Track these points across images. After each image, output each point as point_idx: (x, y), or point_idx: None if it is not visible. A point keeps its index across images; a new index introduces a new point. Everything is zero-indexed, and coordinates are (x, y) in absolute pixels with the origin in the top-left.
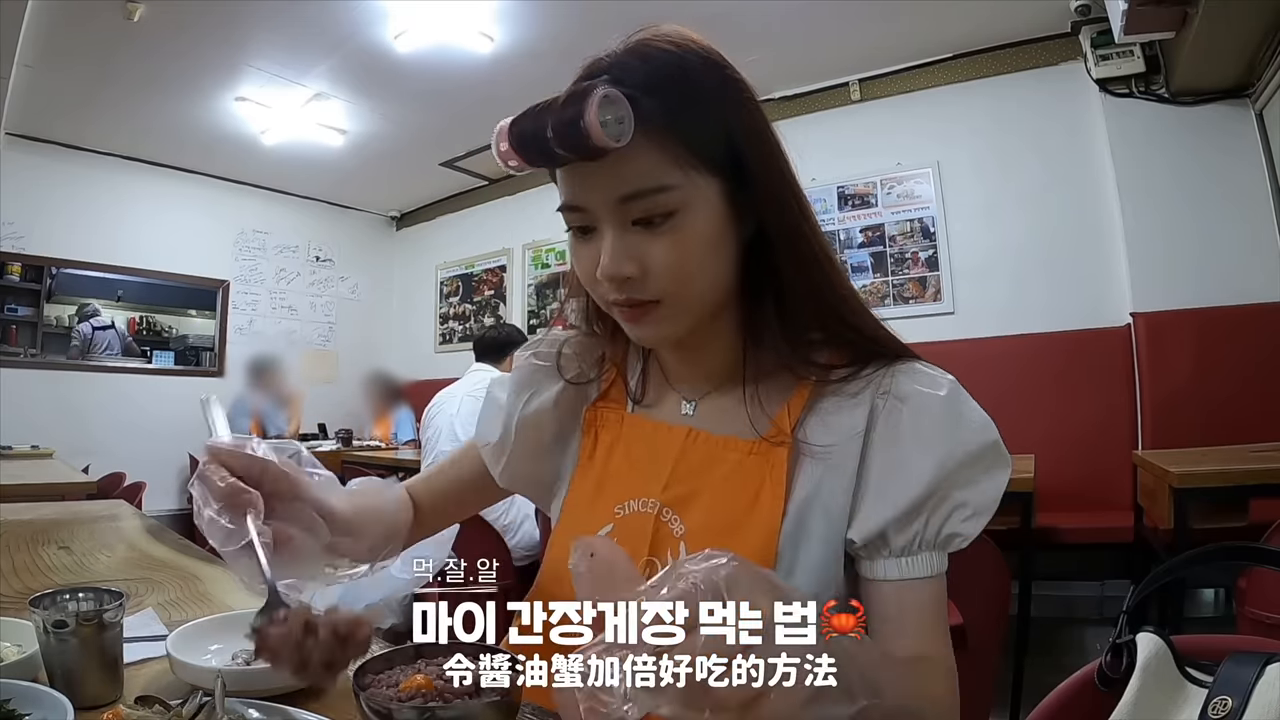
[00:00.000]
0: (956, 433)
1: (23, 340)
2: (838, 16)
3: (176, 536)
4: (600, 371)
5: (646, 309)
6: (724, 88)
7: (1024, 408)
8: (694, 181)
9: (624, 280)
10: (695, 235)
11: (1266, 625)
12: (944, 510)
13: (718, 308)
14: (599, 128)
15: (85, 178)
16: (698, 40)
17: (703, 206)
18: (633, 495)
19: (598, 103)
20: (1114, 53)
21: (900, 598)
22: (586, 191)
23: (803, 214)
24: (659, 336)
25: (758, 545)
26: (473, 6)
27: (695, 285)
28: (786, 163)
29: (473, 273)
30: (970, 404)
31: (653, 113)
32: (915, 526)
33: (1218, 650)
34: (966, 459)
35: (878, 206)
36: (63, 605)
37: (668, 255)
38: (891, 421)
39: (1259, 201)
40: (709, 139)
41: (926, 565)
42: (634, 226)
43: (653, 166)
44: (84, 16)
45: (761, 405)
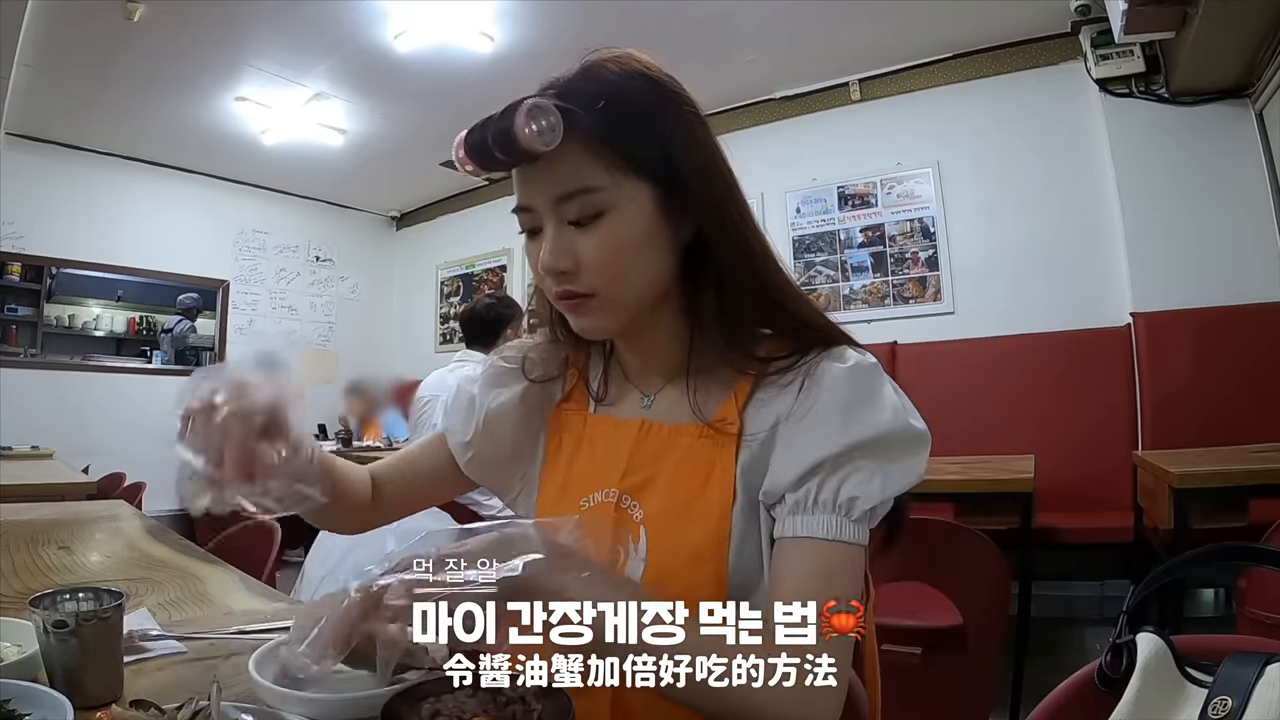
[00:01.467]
0: (858, 411)
1: (23, 340)
2: (838, 16)
3: (176, 536)
4: (564, 374)
5: (582, 301)
6: (662, 104)
7: (1024, 408)
8: (622, 185)
9: (560, 274)
10: (623, 234)
11: (1266, 625)
12: (840, 473)
13: (656, 303)
14: (525, 133)
15: (85, 178)
16: (645, 62)
17: (631, 208)
18: (596, 488)
19: (525, 111)
20: (1114, 53)
21: (785, 554)
22: (530, 193)
23: (740, 218)
24: (597, 328)
25: (712, 523)
26: (473, 6)
27: (626, 281)
28: (724, 171)
29: (473, 273)
30: (882, 388)
31: (586, 123)
32: (809, 485)
33: (1218, 650)
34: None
35: (878, 206)
36: (63, 605)
37: (597, 251)
38: (806, 400)
39: (1259, 201)
40: (641, 148)
41: (820, 526)
42: (569, 225)
43: (583, 170)
44: (84, 16)
45: (709, 394)
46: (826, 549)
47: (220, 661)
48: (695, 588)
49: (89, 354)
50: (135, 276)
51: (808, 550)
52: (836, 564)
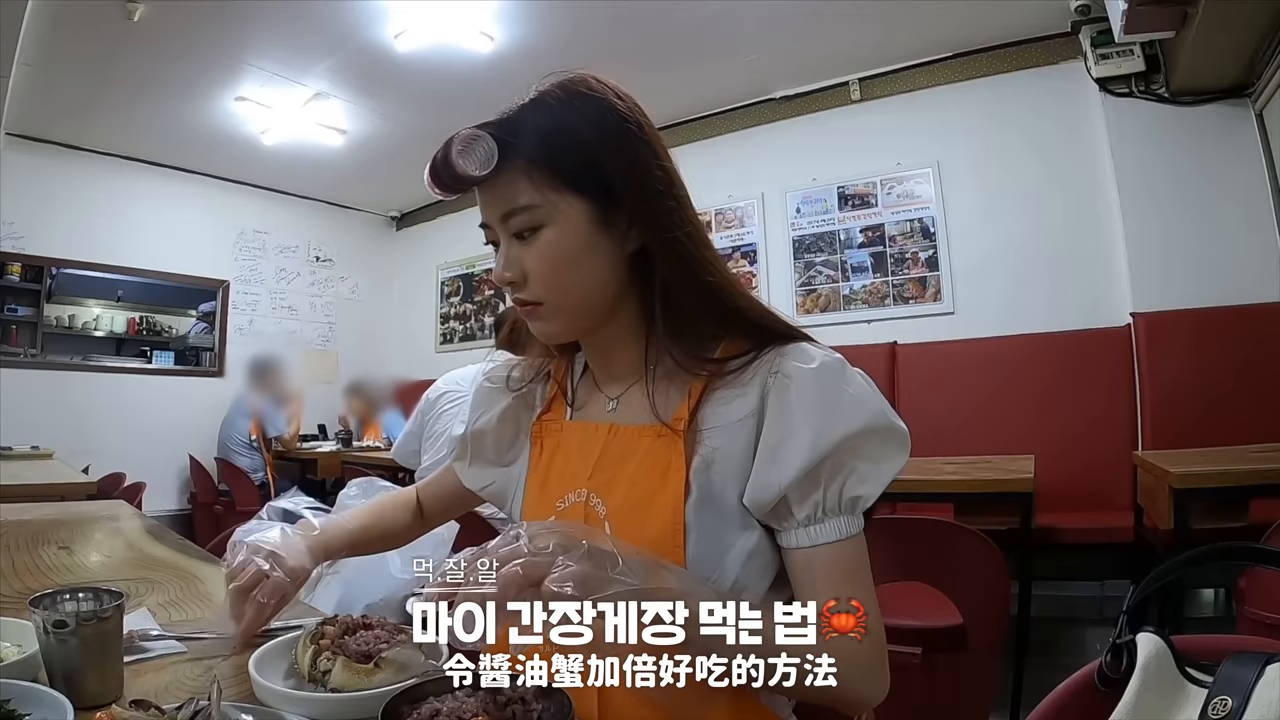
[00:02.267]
0: (839, 407)
1: (23, 340)
2: (838, 16)
3: (176, 536)
4: (545, 386)
5: (534, 308)
6: (600, 125)
7: (1024, 407)
8: (553, 202)
9: (509, 283)
10: (558, 247)
11: (1266, 625)
12: (840, 477)
13: (605, 309)
14: (460, 163)
15: (85, 178)
16: (592, 85)
17: (567, 222)
18: (569, 489)
19: (457, 143)
20: (1114, 52)
21: (809, 563)
22: (484, 210)
23: (680, 228)
24: (549, 332)
25: (667, 516)
26: (473, 6)
27: (568, 289)
28: (663, 184)
29: (473, 273)
30: (851, 382)
31: (523, 148)
32: (815, 496)
33: (1218, 650)
34: (851, 431)
35: (878, 206)
36: (63, 605)
37: (536, 262)
38: (782, 398)
39: (1259, 201)
40: (572, 168)
41: (834, 530)
42: (515, 239)
43: (518, 190)
44: (84, 16)
45: (666, 395)
46: (844, 547)
47: (220, 661)
48: None
49: (89, 354)
50: (135, 276)
51: (828, 555)
52: (854, 559)
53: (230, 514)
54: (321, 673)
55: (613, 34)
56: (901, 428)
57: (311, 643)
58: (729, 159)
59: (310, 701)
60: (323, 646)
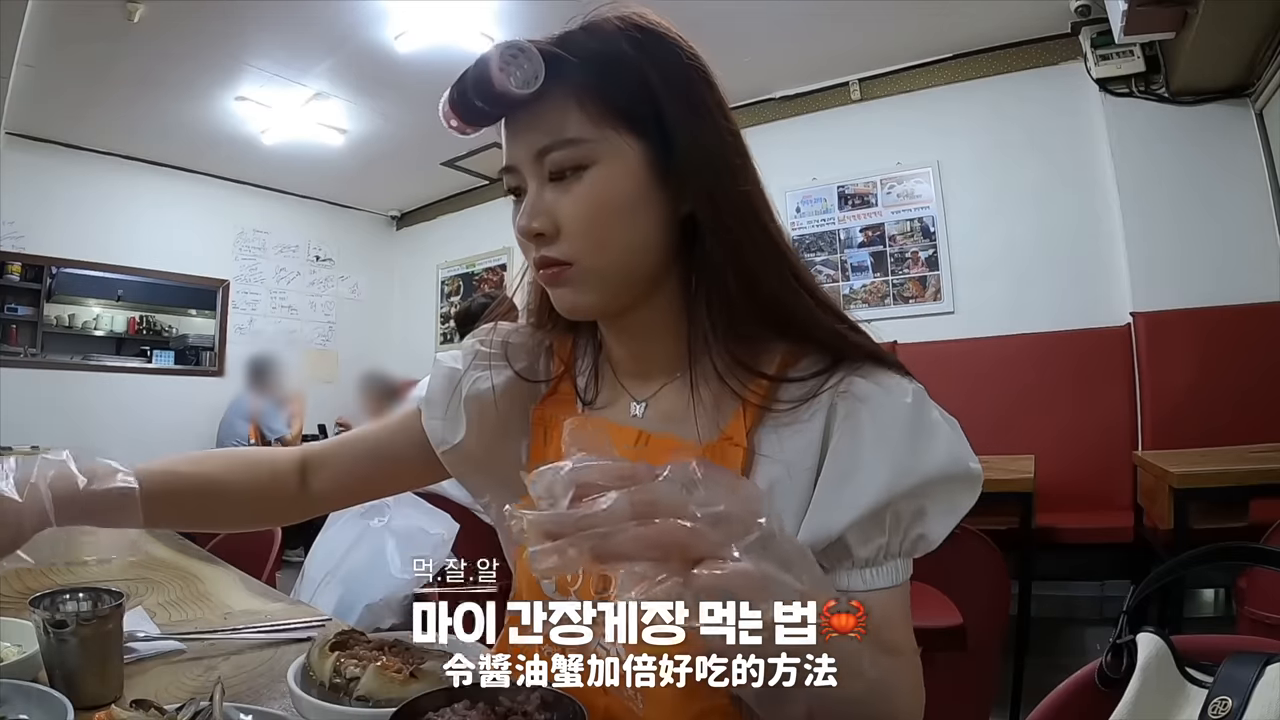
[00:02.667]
0: (919, 444)
1: (23, 340)
2: (838, 16)
3: (176, 536)
4: (548, 368)
5: (561, 270)
6: (661, 57)
7: (1024, 407)
8: (608, 138)
9: (536, 236)
10: (606, 191)
11: (1266, 625)
12: (906, 520)
13: (646, 283)
14: (500, 74)
15: (85, 178)
16: (654, 20)
17: (618, 165)
18: None
19: (501, 52)
20: (1114, 53)
21: (868, 606)
22: (513, 148)
23: (739, 195)
24: (577, 303)
25: None
26: (473, 6)
27: (608, 247)
28: (727, 140)
29: (473, 272)
30: (935, 417)
31: (572, 69)
32: (879, 540)
33: (1218, 650)
34: (929, 474)
35: (878, 206)
36: (63, 605)
37: (577, 208)
38: (850, 423)
39: (1259, 201)
40: (631, 101)
41: (891, 575)
42: (550, 183)
43: (567, 120)
44: (84, 16)
45: (714, 408)
46: (897, 594)
47: (220, 661)
48: None
49: (89, 354)
50: (135, 276)
51: (883, 602)
52: (906, 598)
53: None
54: (346, 680)
55: None
56: (979, 472)
57: (330, 650)
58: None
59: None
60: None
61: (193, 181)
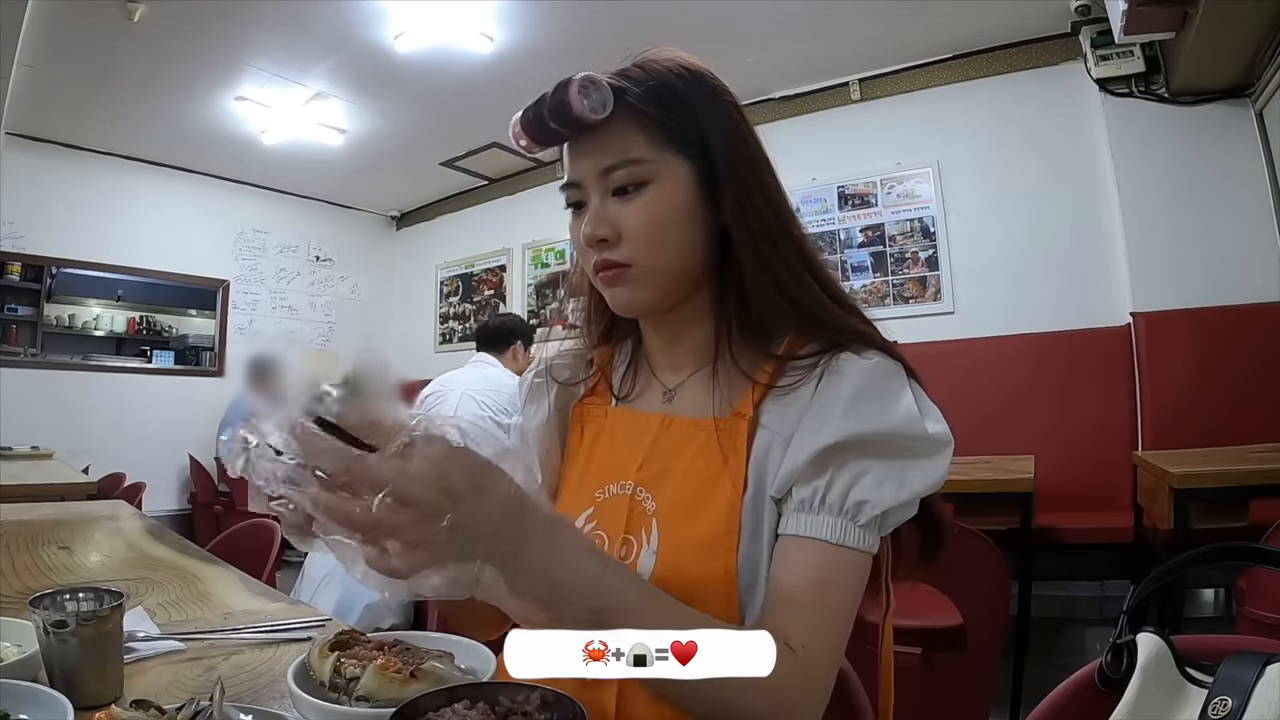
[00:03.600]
0: (867, 404)
1: (23, 340)
2: (838, 16)
3: (176, 536)
4: (588, 373)
5: (620, 272)
6: (704, 92)
7: (1024, 408)
8: (666, 159)
9: (600, 241)
10: (664, 205)
11: (1266, 625)
12: (849, 471)
13: (689, 284)
14: (579, 101)
15: (85, 178)
16: (691, 62)
17: (673, 182)
18: (612, 480)
19: (578, 82)
20: (1114, 53)
21: (787, 553)
22: (578, 166)
23: (770, 211)
24: (633, 300)
25: (721, 515)
26: (473, 6)
27: (663, 251)
28: (758, 163)
29: (473, 272)
30: (899, 389)
31: (635, 100)
32: (816, 483)
33: (1218, 650)
34: (879, 429)
35: (878, 206)
36: (63, 605)
37: (637, 218)
38: (824, 390)
39: (1259, 201)
40: (683, 127)
41: (825, 528)
42: (613, 196)
43: (630, 143)
44: (84, 16)
45: (730, 389)
46: (828, 553)
47: (220, 661)
48: (704, 581)
49: (89, 354)
50: (135, 276)
51: (809, 551)
52: (836, 570)
53: (230, 514)
54: (346, 680)
55: (613, 34)
56: (939, 435)
57: (330, 650)
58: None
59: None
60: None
61: (193, 181)
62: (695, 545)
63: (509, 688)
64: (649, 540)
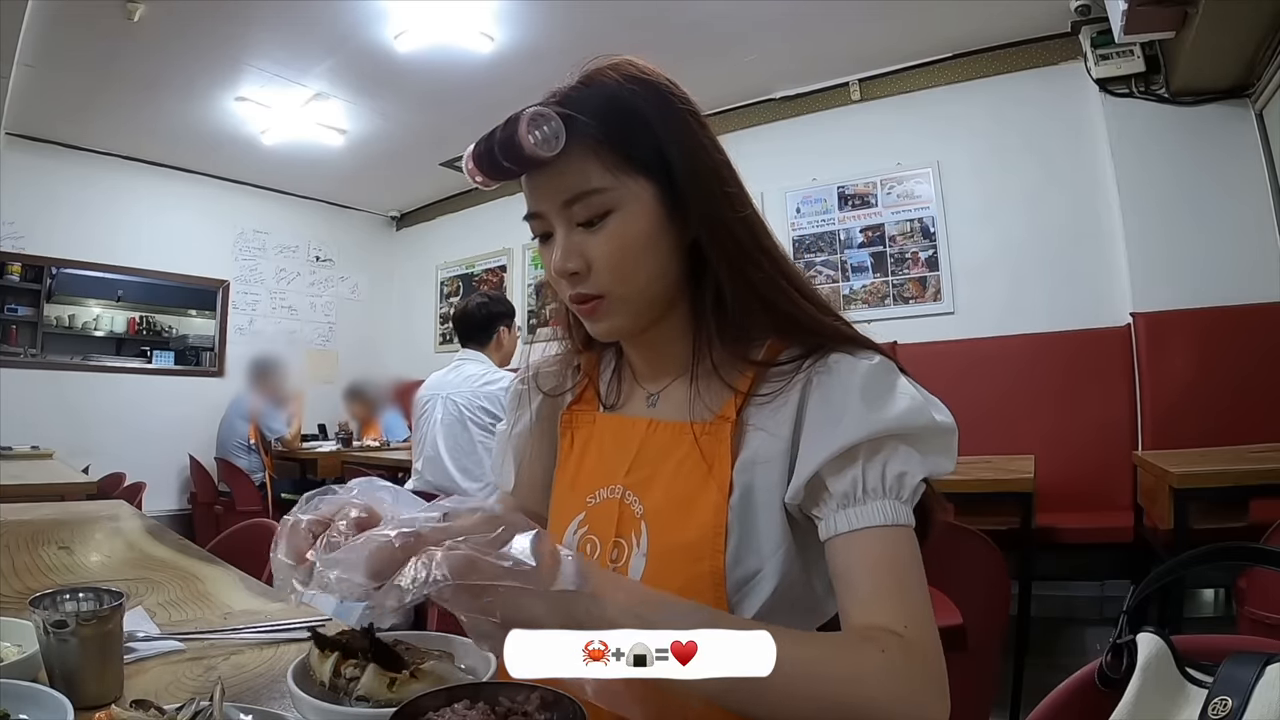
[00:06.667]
0: (881, 399)
1: (23, 340)
2: (838, 16)
3: (176, 536)
4: (574, 381)
5: (596, 304)
6: (659, 106)
7: (1024, 408)
8: (626, 185)
9: (571, 275)
10: (630, 232)
11: (1266, 625)
12: (880, 456)
13: (665, 303)
14: (529, 141)
15: (85, 178)
16: (641, 68)
17: (636, 207)
18: (602, 485)
19: (527, 120)
20: (1114, 52)
21: (848, 550)
22: (539, 199)
23: (735, 219)
24: (611, 329)
25: (708, 518)
26: (473, 6)
27: (635, 279)
28: (720, 171)
29: (473, 273)
30: (901, 381)
31: (588, 127)
32: (853, 472)
33: (1218, 650)
34: (892, 424)
35: (878, 206)
36: (63, 605)
37: (605, 249)
38: (822, 390)
39: (1259, 201)
40: (640, 148)
41: (877, 514)
42: (578, 228)
43: (587, 172)
44: (84, 16)
45: (712, 393)
46: (891, 536)
47: (220, 661)
48: (693, 582)
49: (89, 354)
50: (135, 276)
51: (871, 542)
52: (900, 549)
53: (230, 514)
54: (346, 680)
55: (613, 34)
56: (947, 422)
57: (330, 651)
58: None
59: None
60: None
61: (193, 182)
62: (683, 548)
63: (509, 688)
64: (639, 543)
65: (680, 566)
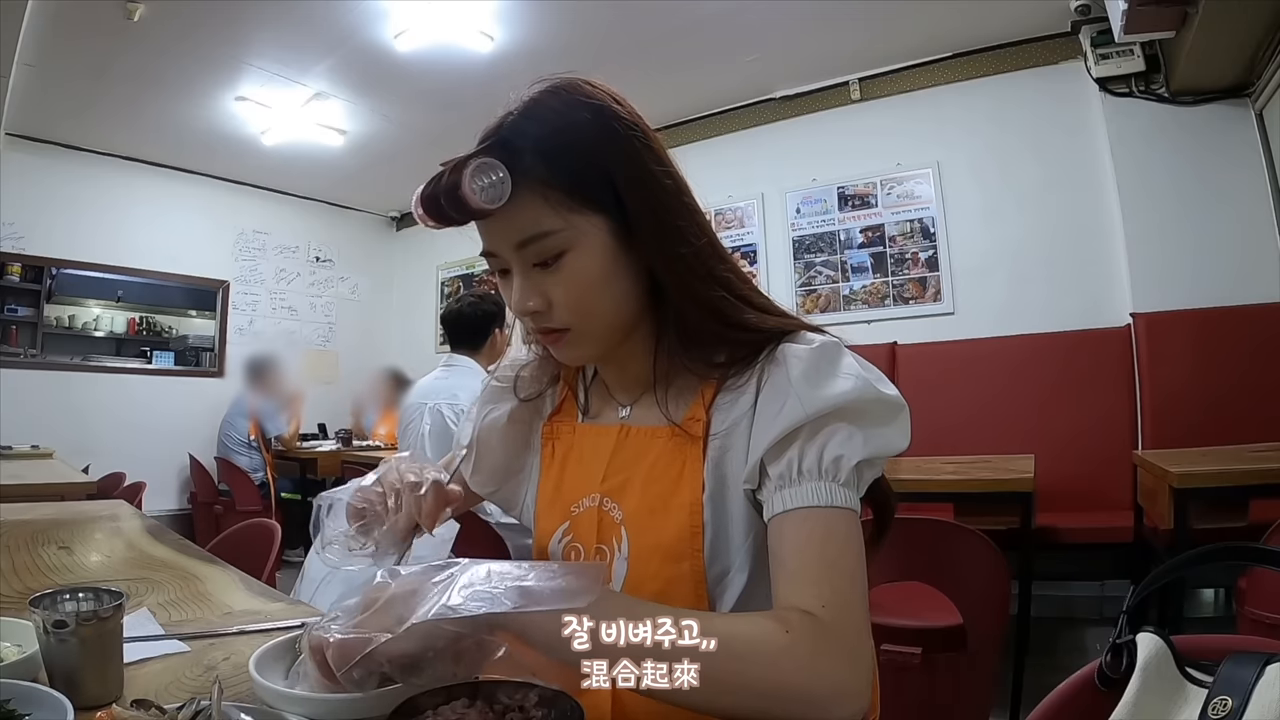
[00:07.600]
0: (823, 379)
1: (23, 340)
2: (838, 16)
3: (176, 536)
4: (555, 389)
5: (559, 335)
6: (605, 135)
7: (1024, 408)
8: (576, 224)
9: (533, 313)
10: (586, 269)
11: (1266, 625)
12: (820, 439)
13: (628, 327)
14: (473, 194)
15: (85, 178)
16: (588, 94)
17: (589, 244)
18: (583, 493)
19: (470, 173)
20: (1114, 52)
21: (780, 530)
22: (492, 241)
23: (690, 234)
24: (577, 357)
25: (684, 516)
26: (473, 6)
27: (597, 313)
28: (670, 196)
29: (473, 273)
30: (843, 360)
31: (533, 168)
32: (789, 455)
33: (1218, 650)
34: (836, 401)
35: (878, 207)
36: (63, 605)
37: (564, 290)
38: (771, 380)
39: (1259, 201)
40: (588, 183)
41: (810, 494)
42: (535, 268)
43: (537, 215)
44: (84, 16)
45: (679, 398)
46: (821, 516)
47: (220, 661)
48: (673, 582)
49: (89, 354)
50: (135, 277)
51: (802, 521)
52: (831, 530)
53: (230, 514)
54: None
55: (613, 34)
56: (895, 398)
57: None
58: (729, 159)
59: (310, 701)
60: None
61: (193, 182)
62: (662, 549)
63: (507, 686)
64: (620, 548)
65: (660, 568)
